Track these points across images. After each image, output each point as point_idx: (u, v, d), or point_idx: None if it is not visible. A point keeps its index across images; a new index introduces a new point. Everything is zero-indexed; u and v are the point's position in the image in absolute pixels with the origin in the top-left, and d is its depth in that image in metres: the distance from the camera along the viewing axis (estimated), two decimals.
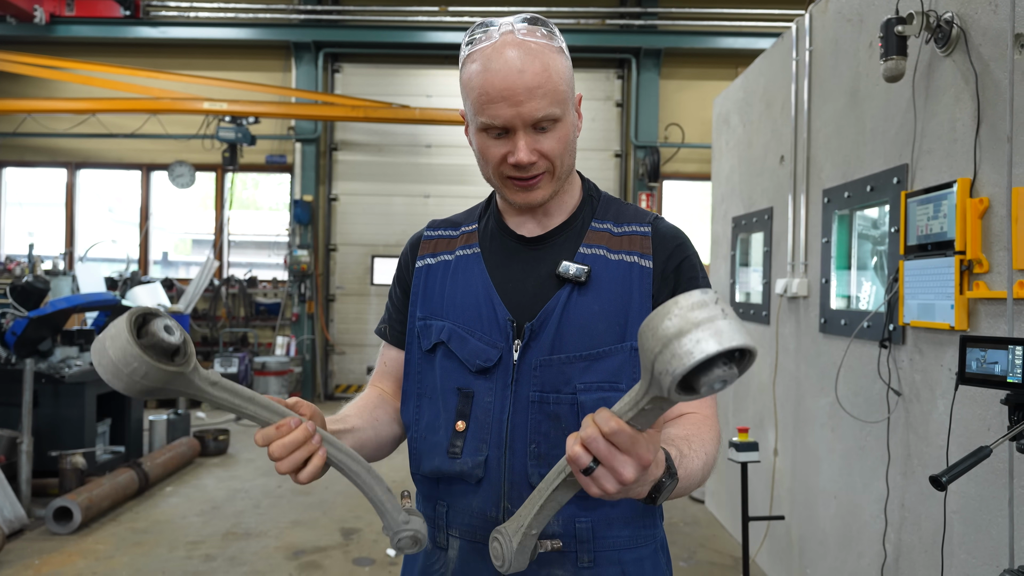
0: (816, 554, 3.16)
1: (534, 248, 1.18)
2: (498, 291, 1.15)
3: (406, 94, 8.99)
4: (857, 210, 2.98)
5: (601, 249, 1.15)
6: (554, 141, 1.08)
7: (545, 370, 1.10)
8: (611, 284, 1.12)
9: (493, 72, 1.03)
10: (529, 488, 1.09)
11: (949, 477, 1.42)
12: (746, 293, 4.35)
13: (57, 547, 3.93)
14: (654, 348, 0.67)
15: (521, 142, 1.05)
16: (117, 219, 9.99)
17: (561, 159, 1.10)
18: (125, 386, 0.78)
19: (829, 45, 3.13)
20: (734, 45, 8.63)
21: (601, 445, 0.77)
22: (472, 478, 1.11)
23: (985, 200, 2.04)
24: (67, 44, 9.02)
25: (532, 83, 1.03)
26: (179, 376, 0.82)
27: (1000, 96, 1.99)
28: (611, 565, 1.10)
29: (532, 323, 1.11)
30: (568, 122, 1.10)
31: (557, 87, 1.05)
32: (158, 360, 0.78)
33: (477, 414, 1.12)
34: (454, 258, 1.22)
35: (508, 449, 1.10)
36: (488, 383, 1.12)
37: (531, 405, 1.10)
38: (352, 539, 4.17)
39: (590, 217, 1.20)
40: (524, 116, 1.04)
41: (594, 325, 1.10)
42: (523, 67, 1.02)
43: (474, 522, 1.13)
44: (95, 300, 5.36)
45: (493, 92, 1.03)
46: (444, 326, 1.17)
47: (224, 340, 8.99)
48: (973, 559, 2.09)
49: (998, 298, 1.99)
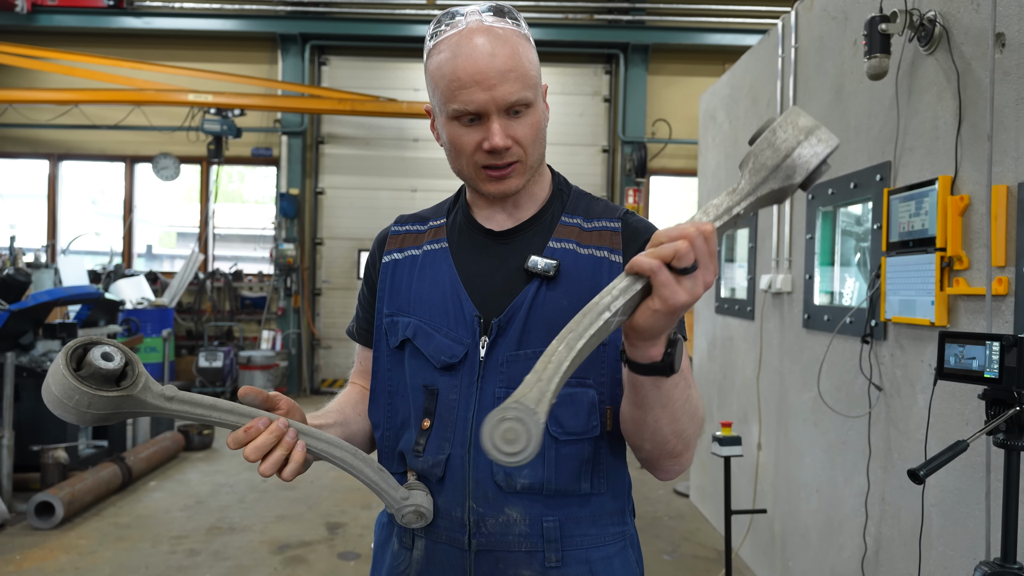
0: (798, 547, 3.19)
1: (502, 242, 1.16)
2: (466, 286, 1.13)
3: (393, 87, 8.96)
4: (841, 207, 3.00)
5: (571, 243, 1.13)
6: (527, 127, 1.07)
7: (512, 366, 1.08)
8: (580, 279, 1.10)
9: (464, 57, 1.02)
10: (495, 487, 1.07)
11: (927, 471, 1.44)
12: (731, 289, 4.37)
13: (39, 542, 3.90)
14: (789, 142, 0.80)
15: (495, 126, 1.04)
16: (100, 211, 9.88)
17: (533, 146, 1.09)
18: (76, 418, 0.81)
19: (814, 43, 3.15)
20: (721, 41, 8.66)
21: (702, 244, 0.78)
22: (433, 476, 1.09)
23: (966, 198, 2.07)
24: (50, 34, 8.90)
25: (504, 66, 1.02)
26: (128, 399, 0.83)
27: (981, 95, 2.02)
28: (579, 564, 1.09)
29: (499, 319, 1.09)
30: (539, 109, 1.09)
31: (528, 72, 1.05)
32: (99, 388, 0.80)
33: (442, 412, 1.10)
34: (421, 253, 1.20)
35: (472, 447, 1.07)
36: (453, 380, 1.10)
37: (497, 402, 1.06)
38: (337, 533, 4.17)
39: (560, 211, 1.18)
40: (498, 100, 1.02)
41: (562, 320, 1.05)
42: (494, 51, 1.02)
43: (438, 522, 1.10)
44: (78, 293, 5.31)
45: (465, 77, 1.02)
46: (410, 322, 1.15)
47: (209, 334, 8.93)
48: (951, 551, 2.12)
49: (977, 294, 2.02)
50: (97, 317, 5.67)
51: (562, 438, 1.07)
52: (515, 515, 1.07)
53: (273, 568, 3.67)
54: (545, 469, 1.07)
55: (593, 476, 1.10)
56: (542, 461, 1.07)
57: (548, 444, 1.07)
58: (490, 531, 1.08)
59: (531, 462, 1.04)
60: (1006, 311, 1.90)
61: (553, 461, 1.07)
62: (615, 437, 1.12)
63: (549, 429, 1.06)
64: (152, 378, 0.87)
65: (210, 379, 8.06)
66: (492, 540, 1.08)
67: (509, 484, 1.07)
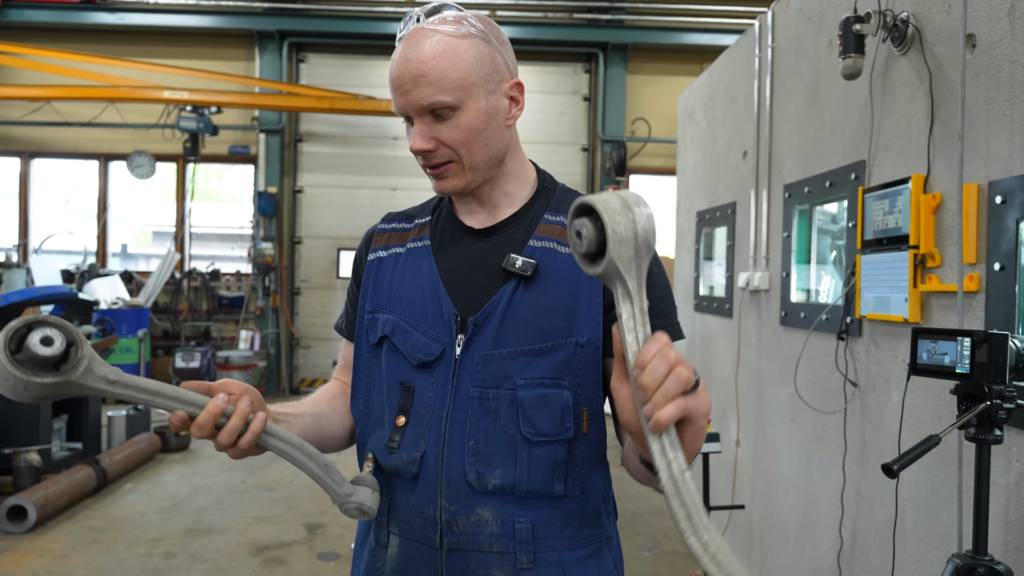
0: (776, 542, 3.22)
1: (482, 240, 1.16)
2: (445, 284, 1.13)
3: (372, 85, 8.91)
4: (817, 205, 3.03)
5: (552, 242, 1.12)
6: (452, 130, 1.07)
7: (486, 365, 1.08)
8: (559, 278, 1.10)
9: (393, 62, 1.08)
10: (467, 486, 1.07)
11: (900, 465, 1.46)
12: (710, 287, 4.41)
13: (11, 547, 3.83)
14: (629, 225, 0.79)
15: (414, 129, 1.09)
16: (74, 210, 9.73)
17: (467, 148, 1.08)
18: (15, 397, 0.81)
19: (790, 43, 3.18)
20: (699, 41, 8.72)
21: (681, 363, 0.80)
22: (407, 474, 1.09)
23: (938, 196, 2.10)
24: (20, 29, 8.74)
25: (416, 72, 1.04)
26: (66, 384, 0.82)
27: (952, 95, 2.05)
28: (551, 566, 1.08)
29: (475, 317, 1.09)
30: (473, 110, 1.07)
31: (447, 74, 1.04)
32: (34, 374, 0.80)
33: (417, 409, 1.10)
34: (405, 251, 1.20)
35: (446, 445, 1.07)
36: (429, 378, 1.10)
37: (471, 401, 1.07)
38: (317, 534, 4.14)
39: (543, 209, 1.17)
40: (412, 104, 1.06)
41: (539, 320, 1.08)
42: (409, 56, 1.05)
43: (412, 519, 1.10)
44: (50, 293, 5.22)
45: (392, 82, 1.08)
46: (389, 319, 1.15)
47: (186, 334, 8.83)
48: (924, 544, 2.15)
49: (949, 291, 2.05)
50: (71, 317, 5.58)
51: (534, 439, 1.07)
52: (487, 515, 1.07)
53: (252, 570, 3.64)
54: (517, 469, 1.07)
55: (567, 478, 1.09)
56: (514, 462, 1.07)
57: (520, 445, 1.07)
58: (461, 530, 1.07)
59: (503, 462, 1.06)
60: (977, 307, 1.94)
61: (525, 462, 1.07)
62: (592, 439, 1.11)
63: (522, 430, 1.06)
64: (98, 358, 0.86)
65: (187, 379, 7.95)
66: (463, 539, 1.07)
67: (481, 484, 1.06)
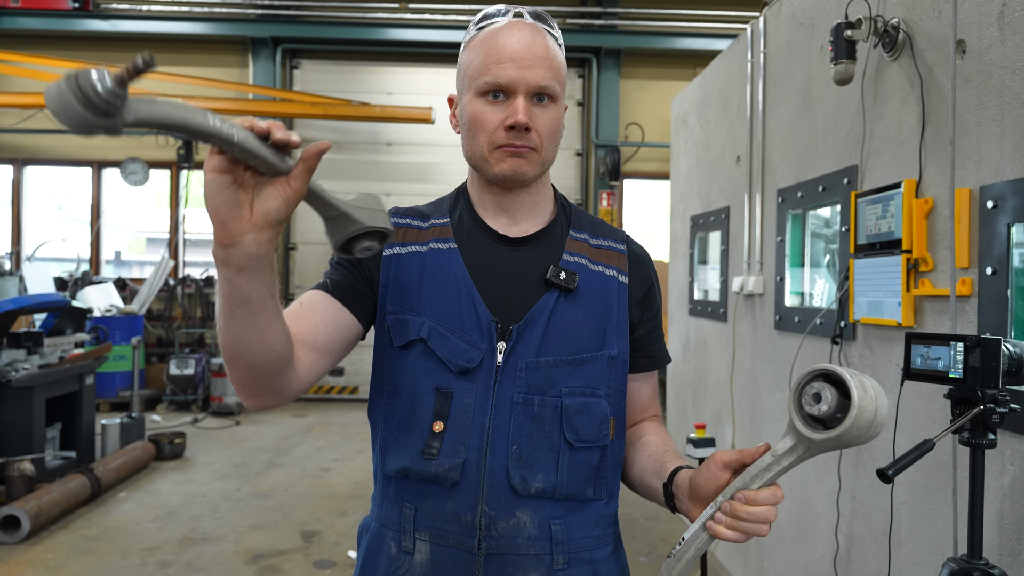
0: (772, 547, 3.22)
1: (517, 249, 1.18)
2: (478, 290, 1.14)
3: (366, 91, 8.91)
4: (810, 209, 3.05)
5: (583, 258, 1.19)
6: (548, 118, 1.12)
7: (532, 372, 1.11)
8: (592, 293, 1.16)
9: (504, 37, 1.10)
10: (510, 490, 1.09)
11: (895, 470, 1.46)
12: (704, 291, 4.42)
13: (4, 557, 3.80)
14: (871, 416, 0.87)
15: (521, 103, 1.09)
16: (67, 217, 9.71)
17: (549, 140, 1.13)
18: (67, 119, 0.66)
19: (783, 48, 3.20)
20: (692, 46, 8.75)
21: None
22: (448, 480, 1.09)
23: (930, 201, 2.11)
24: (13, 36, 8.71)
25: (541, 54, 1.10)
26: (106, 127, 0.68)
27: (943, 100, 2.06)
28: (583, 564, 1.13)
29: (518, 325, 1.12)
30: (560, 109, 1.15)
31: (559, 68, 1.13)
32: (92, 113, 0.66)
33: (456, 415, 1.10)
34: (427, 250, 1.17)
35: (488, 451, 1.09)
36: (469, 384, 1.11)
37: (515, 407, 1.10)
38: (312, 542, 4.12)
39: (567, 225, 1.23)
40: (528, 80, 1.09)
41: (578, 331, 1.14)
42: (532, 40, 1.10)
43: (447, 526, 1.11)
44: (43, 301, 5.20)
45: (503, 53, 1.09)
46: (423, 323, 1.13)
47: (180, 341, 8.79)
48: (919, 548, 2.16)
49: (942, 295, 2.06)
50: (64, 325, 5.56)
51: (577, 445, 1.12)
52: (525, 518, 1.10)
53: None
54: (559, 474, 1.11)
55: (596, 482, 1.15)
56: (555, 466, 1.11)
57: (563, 450, 1.12)
58: (500, 534, 1.10)
59: (546, 467, 1.11)
60: (970, 312, 1.95)
61: (567, 466, 1.12)
62: (615, 446, 1.18)
63: (565, 435, 1.12)
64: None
65: (182, 387, 7.93)
66: (502, 543, 1.10)
67: (524, 488, 1.10)
